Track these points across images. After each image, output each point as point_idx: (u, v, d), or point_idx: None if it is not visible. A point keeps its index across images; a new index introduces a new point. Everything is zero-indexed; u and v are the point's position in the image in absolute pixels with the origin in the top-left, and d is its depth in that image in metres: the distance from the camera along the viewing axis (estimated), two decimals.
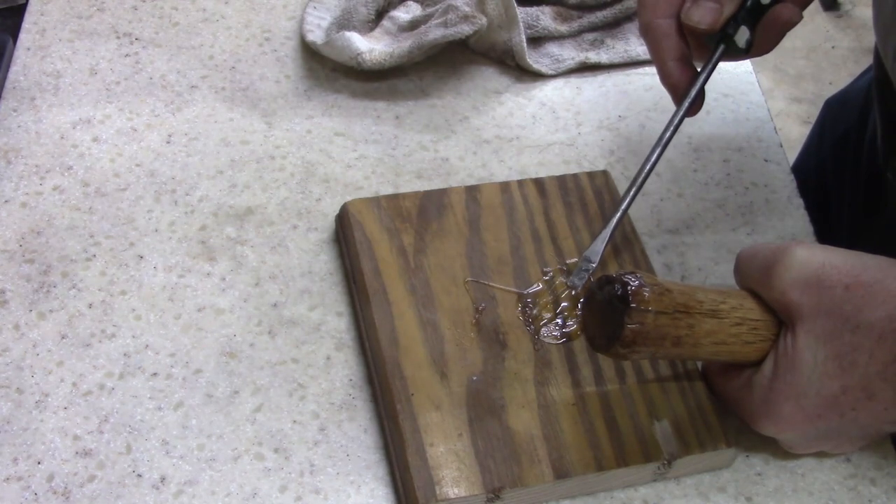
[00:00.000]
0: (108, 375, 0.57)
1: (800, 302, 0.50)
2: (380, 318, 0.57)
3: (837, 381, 0.49)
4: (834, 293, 0.49)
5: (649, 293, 0.49)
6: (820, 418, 0.51)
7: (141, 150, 0.68)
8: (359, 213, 0.62)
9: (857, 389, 0.49)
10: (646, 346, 0.50)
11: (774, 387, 0.51)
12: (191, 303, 0.60)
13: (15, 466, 0.53)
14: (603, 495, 0.54)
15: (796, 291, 0.50)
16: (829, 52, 2.38)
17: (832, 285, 0.50)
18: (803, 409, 0.51)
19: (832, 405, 0.50)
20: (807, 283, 0.50)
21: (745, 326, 0.52)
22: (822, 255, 0.51)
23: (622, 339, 0.49)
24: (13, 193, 0.65)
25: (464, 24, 0.73)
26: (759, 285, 0.53)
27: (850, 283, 0.49)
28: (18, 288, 0.60)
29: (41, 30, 0.76)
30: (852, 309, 0.49)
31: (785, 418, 0.51)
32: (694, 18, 0.58)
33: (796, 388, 0.50)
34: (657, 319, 0.49)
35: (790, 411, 0.51)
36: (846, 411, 0.50)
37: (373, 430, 0.55)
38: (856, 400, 0.49)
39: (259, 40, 0.77)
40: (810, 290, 0.50)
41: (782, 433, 0.53)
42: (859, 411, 0.50)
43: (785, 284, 0.51)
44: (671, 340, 0.50)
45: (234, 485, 0.53)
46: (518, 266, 0.61)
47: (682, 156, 0.72)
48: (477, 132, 0.72)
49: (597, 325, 0.51)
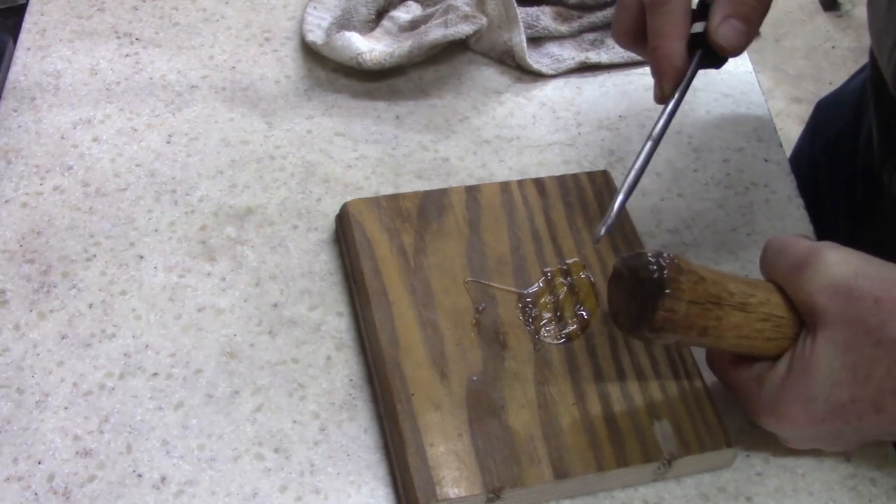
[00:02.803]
0: (108, 375, 0.57)
1: (826, 308, 0.49)
2: (380, 318, 0.57)
3: (848, 391, 0.49)
4: (863, 305, 0.49)
5: (685, 281, 0.49)
6: (824, 423, 0.51)
7: (141, 150, 0.68)
8: (359, 213, 0.62)
9: (867, 402, 0.49)
10: (673, 332, 0.49)
11: (786, 387, 0.51)
12: (191, 303, 0.60)
13: (15, 466, 0.53)
14: (603, 495, 0.54)
15: (824, 297, 0.49)
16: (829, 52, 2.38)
17: (862, 296, 0.49)
18: (810, 412, 0.51)
19: (839, 413, 0.50)
20: (836, 290, 0.49)
21: (769, 323, 0.51)
22: (856, 263, 0.50)
23: (652, 325, 0.49)
24: (13, 193, 0.65)
25: (464, 24, 0.73)
26: (786, 282, 0.52)
27: (880, 296, 0.48)
28: (19, 288, 0.60)
29: (41, 30, 0.76)
30: (877, 323, 0.48)
31: (790, 419, 0.51)
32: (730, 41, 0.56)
33: (807, 392, 0.50)
34: (689, 309, 0.49)
35: (796, 413, 0.51)
36: (851, 420, 0.50)
37: (373, 430, 0.55)
38: (863, 411, 0.49)
39: (259, 40, 0.77)
40: (839, 297, 0.49)
41: (784, 431, 0.53)
42: (864, 421, 0.50)
43: (814, 288, 0.50)
44: (698, 330, 0.50)
45: (234, 485, 0.53)
46: (518, 266, 0.61)
47: (682, 156, 0.72)
48: (477, 132, 0.72)
49: (624, 304, 0.51)
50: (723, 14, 0.56)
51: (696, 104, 0.76)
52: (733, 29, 0.56)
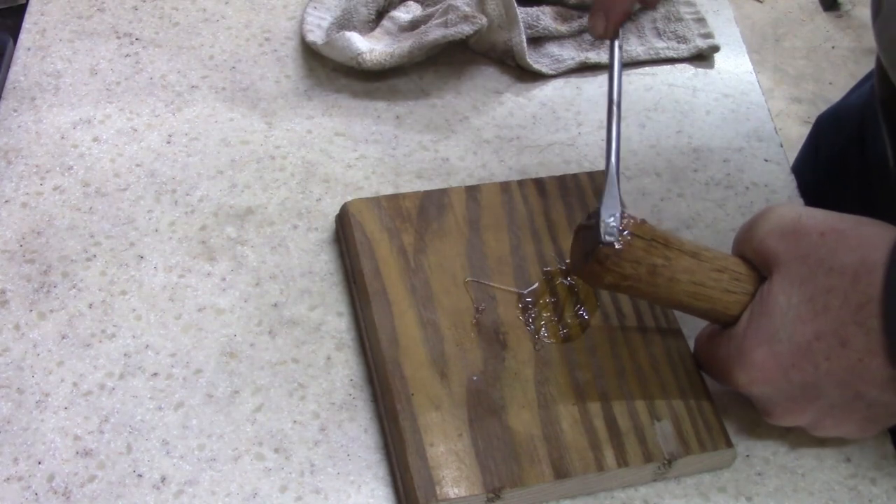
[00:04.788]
0: (108, 375, 0.57)
1: (776, 249, 0.52)
2: (380, 318, 0.57)
3: (811, 326, 0.50)
4: (810, 239, 0.51)
5: (628, 218, 0.52)
6: (794, 368, 0.51)
7: (141, 150, 0.68)
8: (359, 213, 0.62)
9: (830, 335, 0.49)
10: (619, 268, 0.51)
11: (748, 333, 0.52)
12: (191, 303, 0.60)
13: (15, 466, 0.53)
14: (603, 495, 0.54)
15: (773, 239, 0.52)
16: (829, 52, 2.38)
17: (808, 232, 0.51)
18: (776, 355, 0.51)
19: (805, 353, 0.50)
20: (783, 231, 0.52)
21: (726, 275, 0.53)
22: (800, 209, 0.53)
23: (597, 255, 0.51)
24: (13, 193, 0.65)
25: (464, 24, 0.73)
26: (741, 244, 0.54)
27: (824, 230, 0.51)
28: (19, 288, 0.60)
29: (41, 30, 0.76)
30: (827, 252, 0.50)
31: (757, 366, 0.51)
32: None
33: (769, 331, 0.51)
34: (633, 241, 0.51)
35: (762, 357, 0.51)
36: (820, 361, 0.50)
37: (373, 430, 0.55)
38: (829, 347, 0.49)
39: (259, 40, 0.77)
40: (787, 237, 0.52)
41: (755, 384, 0.52)
42: (833, 361, 0.50)
43: (763, 233, 0.53)
44: (647, 268, 0.51)
45: (234, 485, 0.53)
46: (518, 266, 0.61)
47: (682, 156, 0.72)
48: (477, 132, 0.72)
49: (578, 251, 0.53)
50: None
51: (696, 104, 0.76)
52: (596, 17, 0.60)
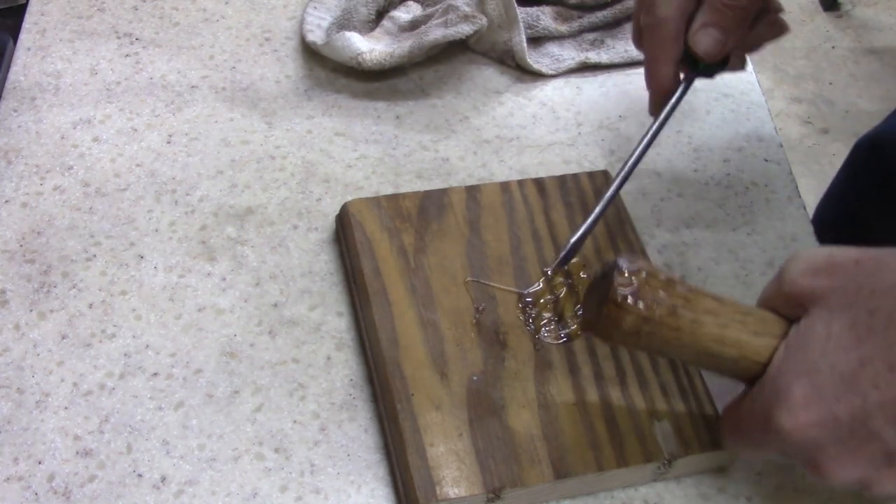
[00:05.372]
0: (108, 375, 0.57)
1: (811, 286, 0.48)
2: (380, 318, 0.57)
3: (854, 353, 0.45)
4: (846, 269, 0.47)
5: (642, 261, 0.49)
6: (839, 402, 0.45)
7: (141, 150, 0.68)
8: (359, 213, 0.62)
9: (877, 360, 0.44)
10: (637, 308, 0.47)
11: (783, 368, 0.47)
12: (191, 303, 0.60)
13: (15, 466, 0.53)
14: (603, 495, 0.54)
15: (806, 278, 0.48)
16: (829, 52, 2.38)
17: (842, 263, 0.47)
18: (817, 388, 0.46)
19: (850, 382, 0.45)
20: (816, 269, 0.48)
21: (752, 317, 0.49)
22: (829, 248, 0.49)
23: (613, 295, 0.47)
24: (13, 193, 0.65)
25: (464, 24, 0.73)
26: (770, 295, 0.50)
27: (859, 258, 0.47)
28: (19, 288, 0.60)
29: (41, 30, 0.76)
30: (865, 277, 0.46)
31: (799, 403, 0.46)
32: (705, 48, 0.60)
33: (807, 363, 0.46)
34: (650, 280, 0.48)
35: (802, 392, 0.46)
36: (868, 390, 0.45)
37: (373, 430, 0.55)
38: (877, 374, 0.44)
39: (259, 40, 0.77)
40: (820, 274, 0.48)
41: (800, 429, 0.46)
42: (883, 389, 0.44)
43: (794, 275, 0.48)
44: (667, 308, 0.48)
45: (234, 485, 0.53)
46: (518, 266, 0.61)
47: (682, 156, 0.72)
48: (477, 132, 0.72)
49: (592, 306, 0.50)
50: (701, 22, 0.60)
51: (696, 104, 0.76)
52: (709, 36, 0.60)
